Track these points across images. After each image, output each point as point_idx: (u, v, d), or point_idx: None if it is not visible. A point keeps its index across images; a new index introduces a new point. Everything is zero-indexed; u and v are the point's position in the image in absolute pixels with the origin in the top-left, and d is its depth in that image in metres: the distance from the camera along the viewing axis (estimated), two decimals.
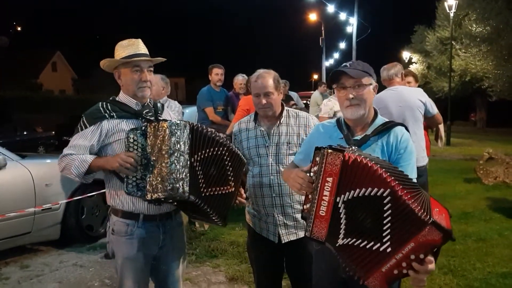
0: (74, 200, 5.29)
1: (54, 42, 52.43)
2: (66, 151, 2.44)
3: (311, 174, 2.01)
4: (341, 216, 1.88)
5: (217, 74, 6.70)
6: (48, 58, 44.20)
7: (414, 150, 2.22)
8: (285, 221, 2.84)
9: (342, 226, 1.88)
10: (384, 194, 1.78)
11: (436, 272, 4.33)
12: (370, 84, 2.20)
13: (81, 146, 2.41)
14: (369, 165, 1.82)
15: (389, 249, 1.79)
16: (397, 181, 1.79)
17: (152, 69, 2.55)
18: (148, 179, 2.28)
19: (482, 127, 31.88)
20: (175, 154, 2.26)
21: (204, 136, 2.38)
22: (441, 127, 5.58)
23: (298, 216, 2.84)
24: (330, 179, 1.90)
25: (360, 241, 1.85)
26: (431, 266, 1.79)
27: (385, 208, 1.78)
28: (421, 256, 1.76)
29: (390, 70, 4.64)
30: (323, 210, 1.91)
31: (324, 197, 1.91)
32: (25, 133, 17.36)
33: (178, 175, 2.24)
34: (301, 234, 2.85)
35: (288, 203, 2.84)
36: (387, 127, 2.21)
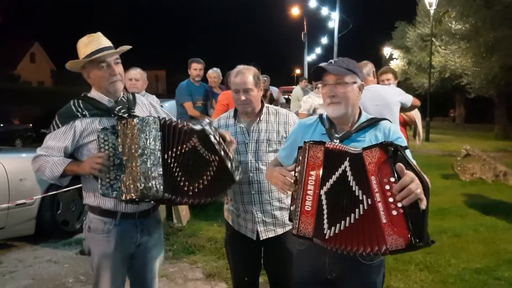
0: (49, 195, 5.19)
1: (32, 33, 51.54)
2: (39, 151, 2.39)
3: (296, 174, 2.00)
4: (323, 208, 1.88)
5: (195, 69, 6.64)
6: (26, 49, 43.43)
7: (405, 139, 2.21)
8: (263, 218, 2.83)
9: (325, 217, 1.87)
10: (346, 168, 1.83)
11: (412, 269, 4.38)
12: (354, 82, 2.16)
13: (54, 147, 2.36)
14: (345, 150, 1.87)
15: (368, 201, 1.78)
16: (345, 147, 1.88)
17: (119, 61, 2.47)
18: (122, 179, 2.24)
19: (460, 123, 32.37)
20: (145, 152, 2.21)
21: (178, 131, 2.31)
22: (419, 123, 5.64)
23: (277, 213, 2.84)
24: (313, 173, 1.90)
25: (344, 222, 1.83)
26: (407, 174, 1.74)
27: (348, 174, 1.83)
28: (391, 179, 1.74)
29: (362, 70, 4.60)
30: (308, 205, 1.90)
31: (308, 192, 1.91)
32: (1, 125, 17.00)
33: (150, 174, 2.20)
34: (280, 231, 2.85)
35: (267, 200, 2.83)
36: (372, 122, 2.19)
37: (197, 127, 2.38)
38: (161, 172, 2.24)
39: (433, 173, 10.01)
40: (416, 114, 5.46)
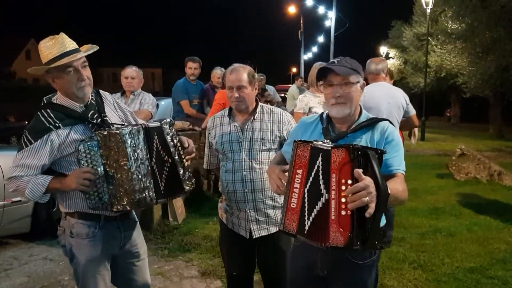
0: None
1: (28, 29, 51.32)
2: (14, 172, 2.24)
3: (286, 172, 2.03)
4: (305, 205, 1.90)
5: (190, 68, 6.63)
6: (22, 45, 43.20)
7: (401, 142, 2.20)
8: (257, 216, 2.85)
9: (306, 211, 1.89)
10: (319, 164, 1.86)
11: (406, 267, 4.41)
12: (358, 82, 2.15)
13: (31, 166, 2.22)
14: (320, 147, 1.88)
15: (326, 196, 1.82)
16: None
17: (86, 64, 2.32)
18: (110, 191, 2.21)
19: (456, 122, 32.46)
20: (135, 165, 2.19)
21: (157, 135, 2.31)
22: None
23: (270, 212, 2.86)
24: (300, 171, 1.92)
25: (315, 211, 1.86)
26: (364, 179, 1.74)
27: (319, 168, 1.86)
28: (349, 181, 1.76)
29: (378, 65, 4.59)
30: (293, 203, 1.93)
31: (294, 189, 1.93)
32: None
33: (142, 185, 2.19)
34: (273, 229, 2.87)
35: (260, 199, 2.85)
36: (371, 122, 2.18)
37: (156, 124, 2.35)
38: (152, 181, 2.25)
39: (428, 172, 10.09)
40: None
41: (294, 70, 49.71)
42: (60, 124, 2.25)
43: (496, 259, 4.71)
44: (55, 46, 2.26)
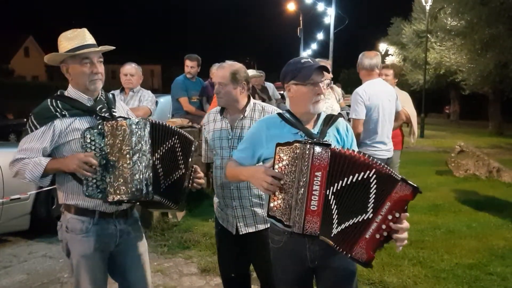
0: (44, 190, 5.18)
1: (26, 26, 51.14)
2: (17, 155, 2.30)
3: (276, 170, 2.01)
4: (332, 207, 1.95)
5: (187, 66, 6.61)
6: (20, 42, 43.11)
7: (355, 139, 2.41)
8: (243, 213, 2.86)
9: (335, 216, 1.96)
10: (370, 175, 1.91)
11: (405, 264, 4.41)
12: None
13: (33, 149, 2.28)
14: (353, 154, 1.95)
15: (370, 215, 1.91)
16: (374, 160, 1.93)
17: (101, 59, 2.42)
18: (108, 180, 2.22)
19: (455, 119, 32.46)
20: (137, 155, 2.21)
21: (163, 131, 2.35)
22: (414, 122, 5.66)
23: (257, 209, 2.86)
24: (319, 173, 1.94)
25: (351, 221, 1.94)
26: (406, 223, 1.92)
27: (371, 186, 1.91)
28: (397, 214, 1.88)
29: (372, 60, 4.48)
30: (314, 205, 1.95)
31: (314, 192, 1.95)
32: None
33: (141, 176, 2.21)
34: (261, 227, 2.86)
35: (246, 197, 2.86)
36: (334, 119, 2.33)
37: (185, 133, 2.47)
38: (151, 174, 2.26)
39: (427, 169, 10.10)
40: (412, 113, 5.48)
41: None
42: (66, 113, 2.31)
43: (495, 255, 4.72)
44: (76, 38, 2.34)
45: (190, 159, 2.48)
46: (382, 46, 36.29)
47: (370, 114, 4.33)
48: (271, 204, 2.04)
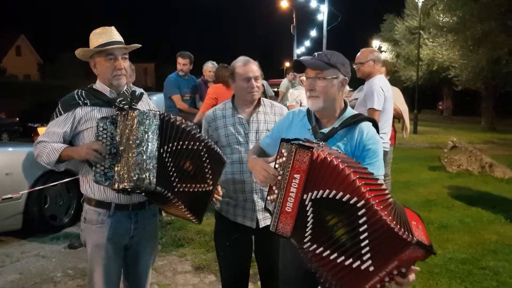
0: (37, 190, 5.15)
1: (18, 25, 50.83)
2: (40, 137, 2.44)
3: (276, 165, 2.00)
4: (308, 214, 1.85)
5: (179, 63, 6.57)
6: (12, 41, 42.79)
7: (381, 147, 2.18)
8: (263, 205, 2.86)
9: (309, 225, 1.85)
10: (358, 205, 1.71)
11: None
12: (335, 77, 2.13)
13: (54, 133, 2.41)
14: (340, 167, 1.76)
15: (371, 268, 1.72)
16: (368, 188, 1.73)
17: (127, 56, 2.53)
18: (116, 168, 2.26)
19: (448, 115, 32.63)
20: (143, 144, 2.24)
21: (177, 128, 2.34)
22: (407, 118, 5.68)
23: None
24: (297, 176, 1.86)
25: (336, 255, 1.78)
26: (413, 276, 1.73)
27: (360, 222, 1.71)
28: (403, 270, 1.71)
29: (371, 55, 4.54)
30: (289, 206, 1.89)
31: (291, 194, 1.89)
32: None
33: (144, 166, 2.22)
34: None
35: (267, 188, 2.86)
36: (355, 120, 2.15)
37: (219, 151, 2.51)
38: (156, 165, 2.26)
39: (420, 165, 10.14)
40: (404, 109, 5.50)
41: (287, 64, 49.60)
42: (88, 102, 2.44)
43: (487, 249, 4.75)
44: (104, 35, 2.46)
45: (218, 179, 2.55)
46: (375, 43, 36.36)
47: (385, 105, 4.43)
48: (268, 198, 2.04)
